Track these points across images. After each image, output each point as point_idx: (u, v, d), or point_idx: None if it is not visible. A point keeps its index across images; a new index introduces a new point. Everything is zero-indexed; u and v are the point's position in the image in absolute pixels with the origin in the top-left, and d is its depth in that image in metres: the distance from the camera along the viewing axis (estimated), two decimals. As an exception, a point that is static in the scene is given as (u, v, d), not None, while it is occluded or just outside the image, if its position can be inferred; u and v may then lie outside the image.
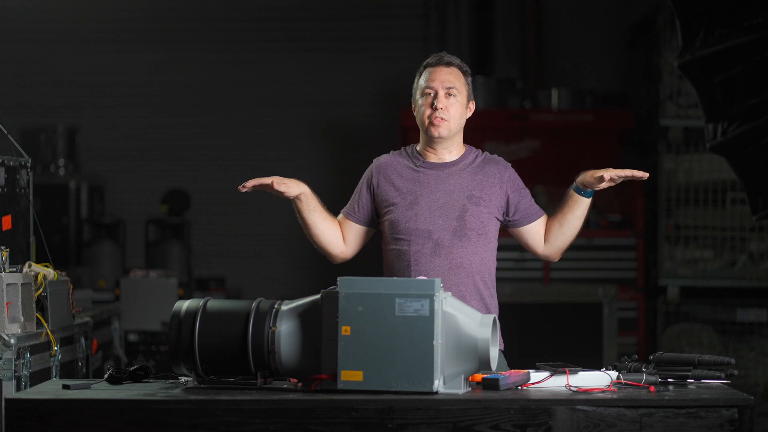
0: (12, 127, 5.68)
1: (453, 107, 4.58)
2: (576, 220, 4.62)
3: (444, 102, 4.56)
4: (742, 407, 3.74)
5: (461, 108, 4.60)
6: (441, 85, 4.57)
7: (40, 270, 4.94)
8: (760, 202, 5.15)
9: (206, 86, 11.90)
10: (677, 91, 9.61)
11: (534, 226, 4.66)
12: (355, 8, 11.83)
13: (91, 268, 10.07)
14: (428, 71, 4.61)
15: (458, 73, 4.61)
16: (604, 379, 3.94)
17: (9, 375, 4.62)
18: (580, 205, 4.60)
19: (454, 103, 4.58)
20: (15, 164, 5.22)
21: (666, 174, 9.60)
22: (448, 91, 4.57)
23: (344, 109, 11.86)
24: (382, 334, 3.81)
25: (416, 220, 4.56)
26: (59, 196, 10.63)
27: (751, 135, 5.06)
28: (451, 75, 4.59)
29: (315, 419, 3.72)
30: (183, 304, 4.02)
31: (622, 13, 10.91)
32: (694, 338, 9.29)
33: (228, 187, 11.75)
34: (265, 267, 11.87)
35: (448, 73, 4.59)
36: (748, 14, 4.94)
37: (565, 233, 4.63)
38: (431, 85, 4.58)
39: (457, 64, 4.62)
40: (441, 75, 4.59)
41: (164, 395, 3.86)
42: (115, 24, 11.89)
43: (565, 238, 4.64)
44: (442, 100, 4.56)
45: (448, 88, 4.57)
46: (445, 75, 4.59)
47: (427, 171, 4.62)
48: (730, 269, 9.52)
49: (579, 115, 10.21)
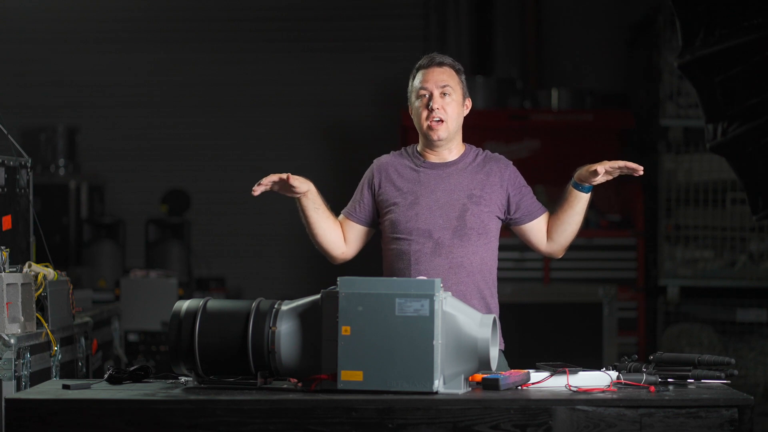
0: (12, 127, 5.68)
1: (449, 106, 4.58)
2: (576, 215, 4.62)
3: (440, 102, 4.56)
4: (742, 407, 3.74)
5: (457, 106, 4.61)
6: (435, 85, 4.57)
7: (40, 270, 4.94)
8: (760, 202, 5.15)
9: (206, 86, 11.90)
10: (677, 91, 9.61)
11: (536, 224, 4.66)
12: (355, 8, 11.83)
13: (91, 268, 10.07)
14: (421, 73, 4.61)
15: (451, 72, 4.61)
16: (604, 379, 3.94)
17: (9, 375, 4.62)
18: (579, 200, 4.60)
19: (450, 102, 4.58)
20: (15, 164, 5.22)
21: (666, 174, 9.60)
22: (442, 90, 4.57)
23: (344, 109, 11.86)
24: (382, 334, 3.81)
25: (417, 219, 4.56)
26: (59, 196, 10.63)
27: (751, 135, 5.06)
28: (444, 74, 4.60)
29: (315, 419, 3.72)
30: (183, 304, 4.02)
31: (622, 13, 10.91)
32: (694, 338, 9.29)
33: (228, 187, 11.82)
34: (265, 267, 11.86)
35: (441, 73, 4.60)
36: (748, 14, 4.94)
37: (567, 230, 4.63)
38: (425, 86, 4.58)
39: (449, 63, 4.62)
40: (434, 75, 4.59)
41: (164, 395, 3.86)
42: (115, 24, 11.88)
43: (567, 235, 4.64)
44: (438, 100, 4.56)
45: (442, 87, 4.57)
46: (438, 75, 4.59)
47: (427, 171, 4.62)
48: (730, 269, 9.52)
49: (579, 115, 10.21)
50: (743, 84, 5.03)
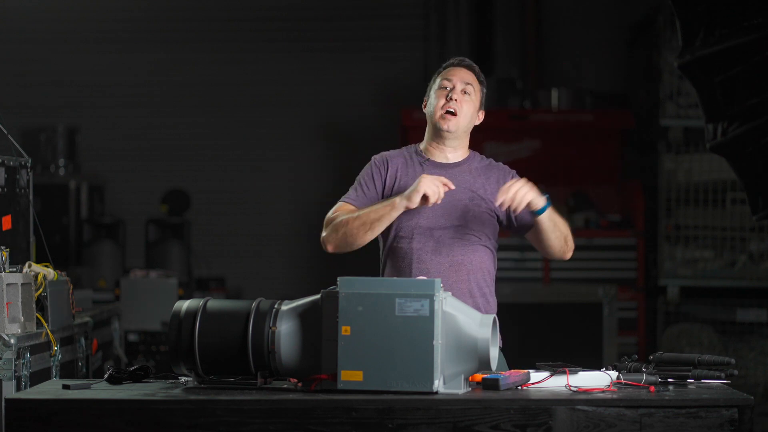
0: (12, 127, 5.68)
1: (466, 104, 4.61)
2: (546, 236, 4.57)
3: (459, 96, 4.61)
4: (742, 407, 3.74)
5: (473, 108, 4.64)
6: (460, 80, 4.63)
7: (40, 270, 4.94)
8: (760, 202, 5.14)
9: (206, 86, 11.91)
10: (677, 91, 9.61)
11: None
12: (355, 8, 11.84)
13: (91, 268, 10.08)
14: (448, 69, 4.69)
15: (475, 78, 4.67)
16: (604, 379, 3.94)
17: (9, 375, 4.62)
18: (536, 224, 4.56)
19: (468, 101, 4.62)
20: (15, 164, 5.22)
21: (666, 174, 9.60)
22: (464, 88, 4.62)
23: (344, 109, 11.86)
24: (382, 334, 3.81)
25: (419, 218, 4.57)
26: (59, 196, 10.63)
27: (751, 135, 5.06)
28: (470, 77, 4.66)
29: (315, 419, 3.72)
30: (183, 304, 4.02)
31: (622, 13, 10.92)
32: (694, 338, 9.29)
33: (228, 187, 11.83)
34: (265, 267, 11.86)
35: (468, 74, 4.66)
36: (748, 14, 4.94)
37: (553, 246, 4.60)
38: (450, 79, 4.63)
39: (477, 71, 4.70)
40: (461, 73, 4.65)
41: (164, 395, 3.86)
42: (115, 24, 11.89)
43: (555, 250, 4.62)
44: (458, 94, 4.60)
45: (465, 84, 4.63)
46: (464, 74, 4.66)
47: (431, 170, 4.63)
48: (730, 269, 9.52)
49: (579, 115, 10.21)
50: (743, 84, 5.02)
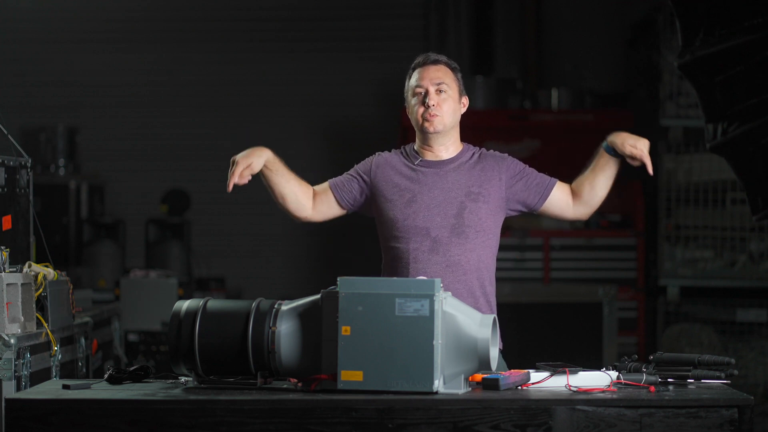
0: (12, 127, 5.68)
1: (445, 103, 4.59)
2: (607, 180, 4.60)
3: (435, 99, 4.58)
4: (742, 407, 3.74)
5: (453, 103, 4.62)
6: (430, 82, 4.59)
7: (40, 270, 4.94)
8: (760, 202, 5.14)
9: (206, 86, 11.90)
10: (677, 91, 9.60)
11: (553, 199, 4.64)
12: (355, 8, 11.83)
13: (91, 268, 10.07)
14: (417, 72, 4.64)
15: (446, 70, 4.63)
16: (604, 379, 3.94)
17: (9, 375, 4.62)
18: (611, 165, 4.59)
19: (446, 99, 4.60)
20: (15, 164, 5.22)
21: (666, 174, 9.59)
22: (438, 87, 4.59)
23: (344, 109, 11.86)
24: (382, 334, 3.81)
25: (414, 217, 4.56)
26: (59, 196, 10.63)
27: (751, 135, 5.06)
28: (440, 72, 4.62)
29: (315, 419, 3.72)
30: (183, 304, 4.02)
31: (622, 13, 10.91)
32: (694, 338, 9.29)
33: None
34: (265, 267, 11.86)
35: (437, 71, 4.62)
36: (748, 14, 4.94)
37: (598, 194, 4.62)
38: (421, 84, 4.60)
39: (444, 61, 4.65)
40: (429, 73, 4.61)
41: (164, 395, 3.86)
42: (114, 24, 11.89)
43: (597, 199, 4.64)
44: (434, 97, 4.58)
45: (437, 84, 4.59)
46: (433, 73, 4.61)
47: (424, 169, 4.62)
48: (730, 269, 9.52)
49: (579, 115, 10.21)
50: (743, 84, 5.02)
